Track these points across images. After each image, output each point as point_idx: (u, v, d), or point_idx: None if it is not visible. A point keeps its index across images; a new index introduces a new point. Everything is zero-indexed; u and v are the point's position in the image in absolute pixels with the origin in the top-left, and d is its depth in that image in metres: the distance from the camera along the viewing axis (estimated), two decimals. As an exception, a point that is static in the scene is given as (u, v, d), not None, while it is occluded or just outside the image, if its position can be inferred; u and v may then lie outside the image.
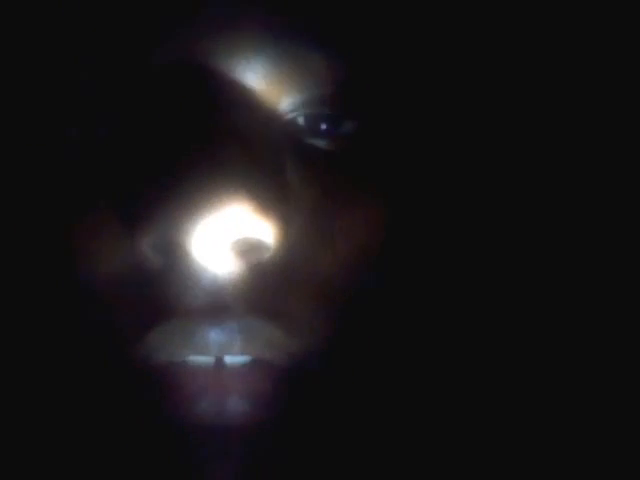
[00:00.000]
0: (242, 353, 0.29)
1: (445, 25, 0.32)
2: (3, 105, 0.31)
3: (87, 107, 0.29)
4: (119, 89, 0.29)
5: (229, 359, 0.29)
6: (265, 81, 0.29)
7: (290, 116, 0.30)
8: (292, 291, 0.29)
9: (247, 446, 0.29)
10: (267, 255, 0.28)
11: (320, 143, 0.30)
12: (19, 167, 0.31)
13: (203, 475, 0.29)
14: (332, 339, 0.30)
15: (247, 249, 0.28)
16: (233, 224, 0.27)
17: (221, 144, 0.27)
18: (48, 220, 0.30)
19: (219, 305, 0.28)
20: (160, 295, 0.28)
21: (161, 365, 0.29)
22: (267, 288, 0.28)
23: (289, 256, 0.29)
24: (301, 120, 0.30)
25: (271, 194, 0.28)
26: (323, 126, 0.30)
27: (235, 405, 0.29)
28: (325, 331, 0.30)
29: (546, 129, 0.35)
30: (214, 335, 0.28)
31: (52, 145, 0.30)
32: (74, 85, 0.29)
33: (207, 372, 0.29)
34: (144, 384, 0.29)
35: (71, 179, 0.30)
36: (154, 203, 0.27)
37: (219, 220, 0.26)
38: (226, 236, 0.27)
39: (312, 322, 0.29)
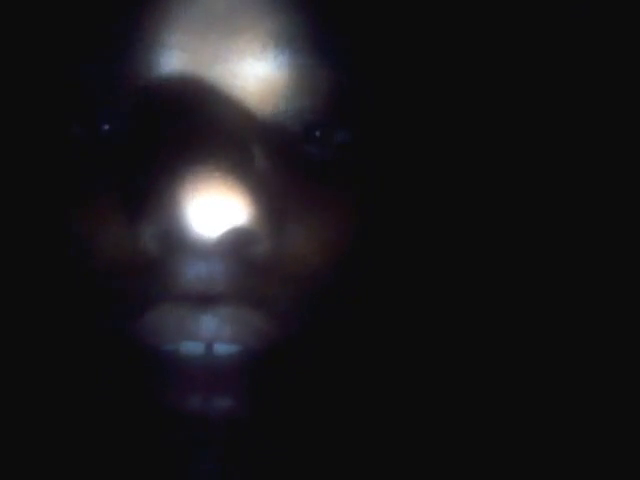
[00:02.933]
0: (232, 340, 0.29)
1: (440, 37, 0.33)
2: (9, 102, 0.31)
3: (90, 104, 0.30)
4: (120, 87, 0.30)
5: (219, 348, 0.29)
6: (262, 87, 0.30)
7: (286, 122, 0.30)
8: (282, 282, 0.30)
9: (234, 435, 0.30)
10: (259, 246, 0.29)
11: (314, 150, 0.31)
12: (22, 157, 0.31)
13: (190, 462, 0.30)
14: (320, 329, 0.30)
15: (240, 240, 0.28)
16: (227, 216, 0.28)
17: (219, 143, 0.28)
18: (49, 208, 0.31)
19: (211, 293, 0.29)
20: (154, 282, 0.29)
21: (153, 351, 0.29)
22: (258, 278, 0.29)
23: (280, 248, 0.29)
24: (296, 127, 0.31)
25: (265, 191, 0.29)
26: (318, 134, 0.31)
27: (223, 394, 0.29)
28: (314, 321, 0.30)
29: (542, 137, 0.35)
30: (205, 322, 0.29)
31: (56, 140, 0.31)
32: (77, 83, 0.30)
33: (197, 360, 0.29)
34: (136, 369, 0.30)
35: (73, 170, 0.30)
36: (153, 194, 0.28)
37: (214, 211, 0.27)
38: (220, 226, 0.28)
39: (301, 313, 0.30)
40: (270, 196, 0.29)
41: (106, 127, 0.30)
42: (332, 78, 0.30)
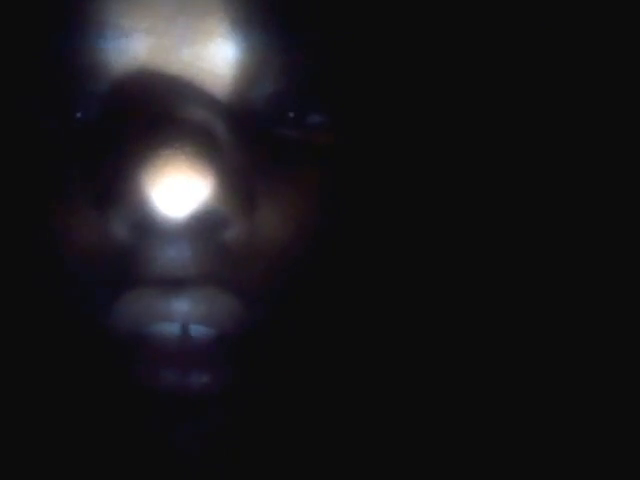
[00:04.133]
0: (204, 322, 0.29)
1: (417, 17, 0.32)
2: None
3: (60, 92, 0.30)
4: (88, 74, 0.30)
5: (194, 330, 0.30)
6: (230, 69, 0.30)
7: (258, 104, 0.30)
8: (253, 264, 0.30)
9: (209, 412, 0.30)
10: (230, 229, 0.29)
11: (287, 132, 0.31)
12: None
13: (166, 440, 0.30)
14: (292, 309, 0.31)
15: (210, 223, 0.28)
16: (197, 199, 0.28)
17: (186, 127, 0.28)
18: (20, 195, 0.31)
19: (182, 276, 0.29)
20: (125, 267, 0.29)
21: (127, 333, 0.30)
22: (229, 260, 0.29)
23: (251, 230, 0.29)
24: (269, 109, 0.31)
25: (235, 173, 0.29)
26: (291, 114, 0.31)
27: (198, 372, 0.29)
28: (285, 302, 0.31)
29: (520, 124, 0.35)
30: (177, 304, 0.29)
31: (27, 128, 0.31)
32: (46, 70, 0.30)
33: (172, 342, 0.30)
34: (110, 351, 0.30)
35: (44, 158, 0.31)
36: (122, 179, 0.28)
37: (183, 194, 0.27)
38: (190, 210, 0.28)
39: (273, 294, 0.30)
40: (241, 178, 0.29)
41: (78, 115, 0.30)
42: (305, 59, 0.30)
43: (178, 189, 0.27)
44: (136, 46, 0.29)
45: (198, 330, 0.30)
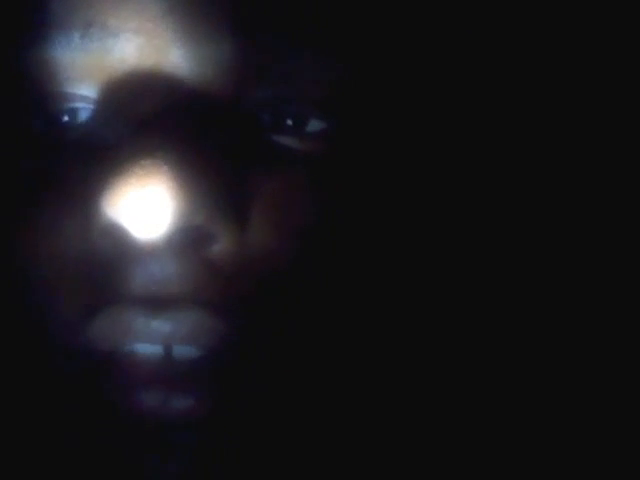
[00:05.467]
0: (185, 343, 0.28)
1: (421, 25, 0.31)
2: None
3: (49, 94, 0.29)
4: (79, 78, 0.29)
5: (178, 351, 0.28)
6: (227, 71, 0.28)
7: (256, 109, 0.29)
8: (241, 282, 0.28)
9: (191, 439, 0.28)
10: (217, 245, 0.27)
11: (285, 140, 0.29)
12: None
13: (148, 464, 0.29)
14: (278, 333, 0.29)
15: (195, 238, 0.27)
16: (185, 212, 0.26)
17: (178, 133, 0.27)
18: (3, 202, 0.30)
19: (165, 294, 0.27)
20: (107, 282, 0.28)
21: (106, 353, 0.28)
22: (215, 278, 0.28)
23: (241, 247, 0.28)
24: (267, 115, 0.29)
25: (227, 185, 0.27)
26: (289, 122, 0.29)
27: (181, 395, 0.28)
28: (271, 326, 0.29)
29: (522, 128, 0.35)
30: (157, 323, 0.27)
31: (13, 132, 0.30)
32: (34, 72, 0.29)
33: (153, 363, 0.28)
34: (89, 372, 0.29)
35: (30, 164, 0.29)
36: (106, 189, 0.26)
37: (169, 208, 0.26)
38: (177, 224, 0.26)
39: (258, 316, 0.28)
40: (231, 190, 0.27)
41: (64, 119, 0.29)
42: (304, 64, 0.29)
43: (161, 202, 0.26)
44: (124, 47, 0.28)
45: (181, 351, 0.28)
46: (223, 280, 0.28)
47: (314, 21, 0.29)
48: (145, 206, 0.26)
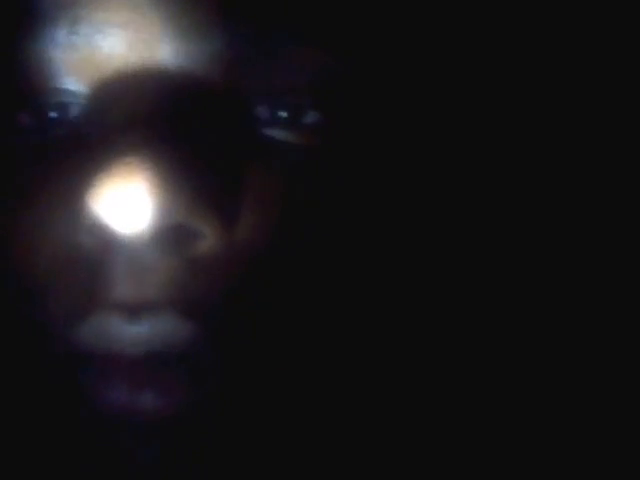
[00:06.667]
0: (163, 349, 0.27)
1: (416, 23, 0.31)
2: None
3: (36, 91, 0.29)
4: (66, 73, 0.28)
5: (152, 354, 0.27)
6: (218, 65, 0.27)
7: (248, 102, 0.28)
8: (224, 283, 0.27)
9: (163, 439, 0.28)
10: (202, 244, 0.27)
11: (279, 133, 0.29)
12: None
13: (122, 462, 0.28)
14: (262, 334, 0.28)
15: (182, 236, 0.26)
16: (169, 210, 0.25)
17: (163, 129, 0.26)
18: None
19: (146, 297, 0.27)
20: (89, 285, 0.27)
21: (83, 353, 0.28)
22: (197, 279, 0.27)
23: (228, 246, 0.27)
24: (260, 107, 0.29)
25: (215, 182, 0.27)
26: (284, 114, 0.29)
27: (153, 399, 0.27)
28: (255, 326, 0.28)
29: (519, 126, 0.35)
30: (136, 329, 0.27)
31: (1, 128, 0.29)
32: (21, 67, 0.29)
33: (130, 363, 0.27)
34: (65, 376, 0.28)
35: (18, 162, 0.29)
36: (91, 186, 0.26)
37: (155, 205, 0.25)
38: (162, 221, 0.25)
39: (241, 316, 0.28)
40: (219, 187, 0.27)
41: (52, 115, 0.29)
42: (298, 55, 0.28)
43: (146, 199, 0.25)
44: (111, 42, 0.27)
45: (157, 352, 0.27)
46: (206, 280, 0.27)
47: (307, 12, 0.28)
48: (129, 203, 0.25)
